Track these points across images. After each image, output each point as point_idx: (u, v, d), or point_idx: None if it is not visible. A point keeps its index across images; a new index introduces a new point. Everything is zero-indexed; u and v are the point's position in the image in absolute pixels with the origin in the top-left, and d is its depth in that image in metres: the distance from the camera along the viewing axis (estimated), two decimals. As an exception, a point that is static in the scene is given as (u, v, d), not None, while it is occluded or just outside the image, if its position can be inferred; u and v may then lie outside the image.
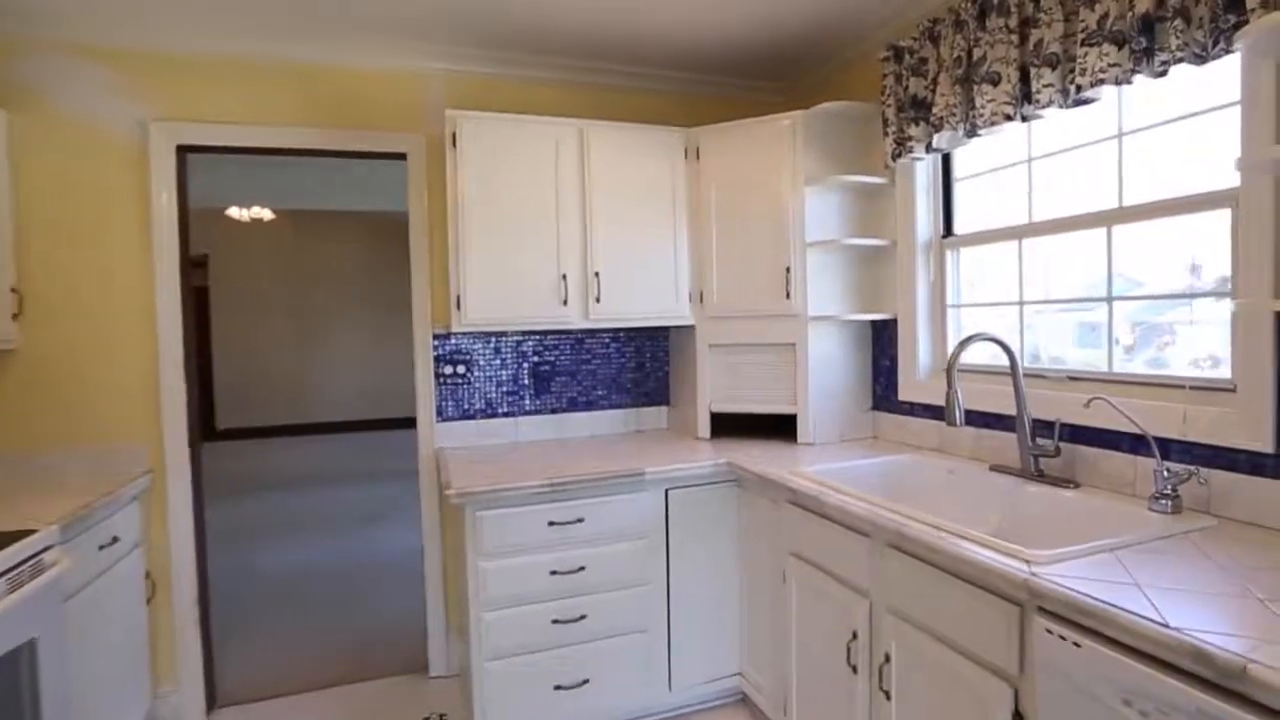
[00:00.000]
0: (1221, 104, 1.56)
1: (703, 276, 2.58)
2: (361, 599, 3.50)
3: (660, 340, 2.93)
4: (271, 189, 6.09)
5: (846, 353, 2.51)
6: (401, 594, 3.47)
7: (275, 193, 6.18)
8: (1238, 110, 1.47)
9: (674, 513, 2.22)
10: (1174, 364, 1.76)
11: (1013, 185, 2.12)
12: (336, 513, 5.24)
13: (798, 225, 2.41)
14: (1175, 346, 1.86)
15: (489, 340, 2.66)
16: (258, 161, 4.81)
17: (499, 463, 2.29)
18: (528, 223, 2.37)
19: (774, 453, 2.33)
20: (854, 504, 1.67)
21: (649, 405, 2.90)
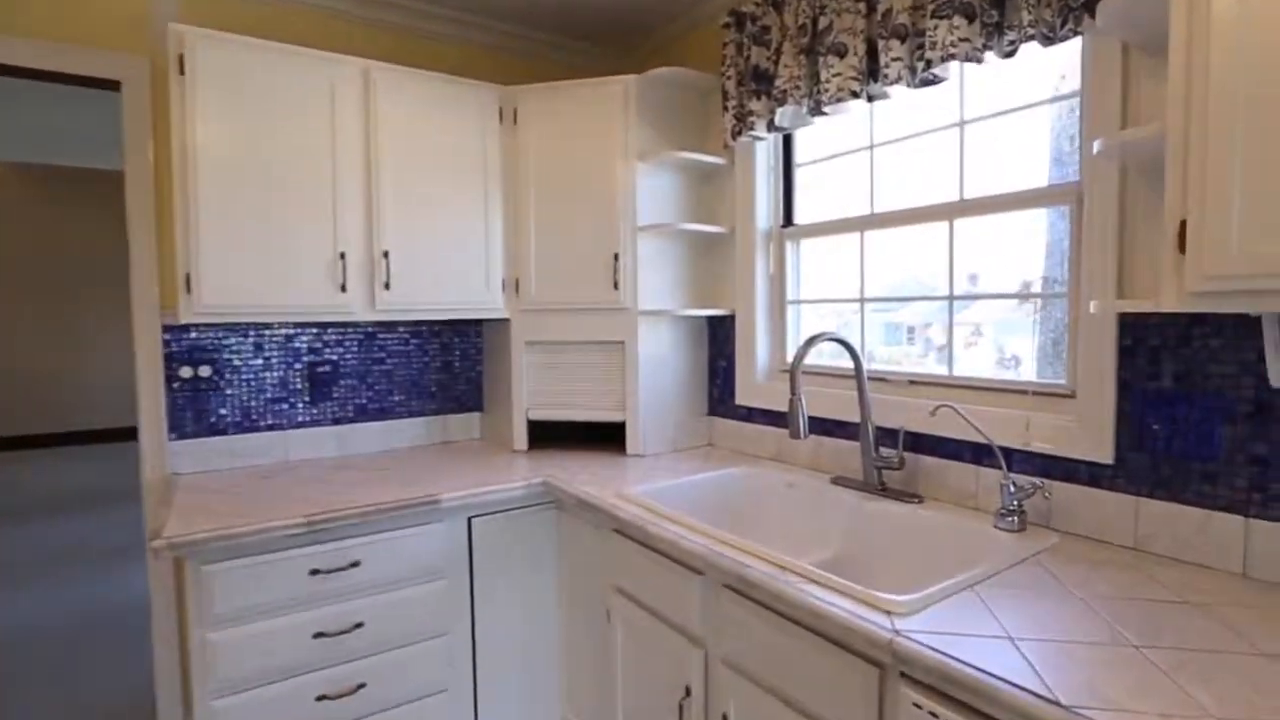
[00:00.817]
0: (1048, 98, 1.47)
1: (519, 262, 2.21)
2: (85, 668, 2.72)
3: (472, 336, 2.51)
4: None
5: (681, 352, 2.26)
6: (134, 661, 2.74)
7: None
8: (1052, 109, 1.38)
9: (479, 545, 1.83)
10: (978, 365, 1.70)
11: (855, 174, 1.97)
12: (80, 545, 4.17)
13: (628, 206, 2.11)
14: (978, 347, 1.81)
15: (245, 334, 2.09)
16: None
17: (246, 494, 1.76)
18: (291, 185, 1.85)
19: (600, 467, 2.01)
20: (685, 536, 1.39)
21: (459, 411, 2.47)
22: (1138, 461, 1.30)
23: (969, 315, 1.84)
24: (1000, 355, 1.73)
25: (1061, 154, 1.64)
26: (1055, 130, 1.68)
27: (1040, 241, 1.64)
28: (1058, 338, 1.72)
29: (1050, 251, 1.64)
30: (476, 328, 2.51)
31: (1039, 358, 1.68)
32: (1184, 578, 1.16)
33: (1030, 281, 1.69)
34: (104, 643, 2.89)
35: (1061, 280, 1.57)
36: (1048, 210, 1.57)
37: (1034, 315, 1.69)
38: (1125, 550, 1.30)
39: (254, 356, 2.10)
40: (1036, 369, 1.66)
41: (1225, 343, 1.19)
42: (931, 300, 1.78)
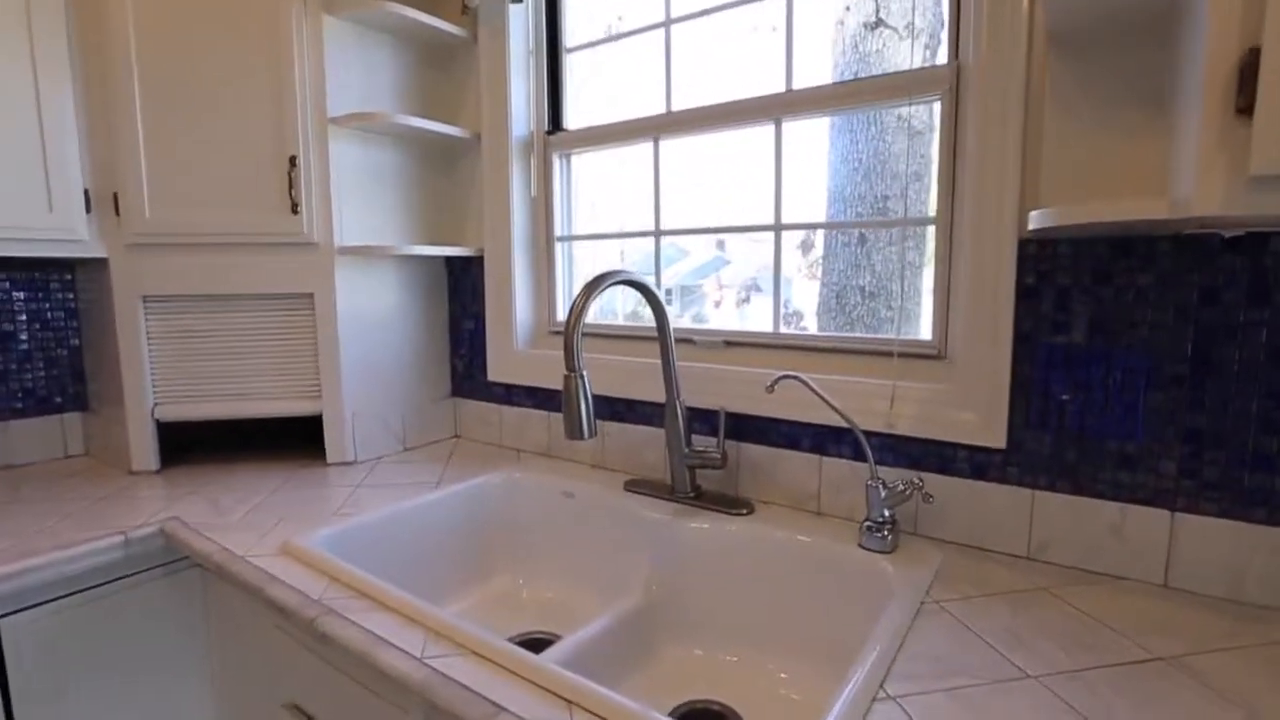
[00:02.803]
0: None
1: (117, 166, 1.31)
2: None
3: (54, 287, 1.55)
4: None
5: (409, 310, 1.57)
6: None
7: None
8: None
9: (25, 662, 1.00)
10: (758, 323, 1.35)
11: (645, 62, 1.43)
12: None
13: (313, 83, 1.35)
14: (751, 305, 1.46)
15: None
16: None
17: None
18: None
19: (279, 489, 1.27)
20: (386, 640, 0.76)
21: (33, 415, 1.51)
22: (1036, 444, 0.96)
23: (724, 273, 1.50)
24: (785, 310, 1.36)
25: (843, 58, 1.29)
26: (840, 65, 1.32)
27: (817, 164, 1.28)
28: (841, 291, 1.41)
29: (834, 174, 1.30)
30: (65, 274, 1.55)
31: (821, 312, 1.36)
32: (1115, 604, 0.83)
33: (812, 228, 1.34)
34: None
35: (852, 211, 1.27)
36: (832, 119, 1.21)
37: (805, 264, 1.38)
38: (1019, 562, 0.95)
39: None
40: (819, 328, 1.34)
41: (1159, 279, 0.86)
42: (757, 231, 1.32)
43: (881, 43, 1.31)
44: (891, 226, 1.20)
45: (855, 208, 1.31)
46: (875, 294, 1.26)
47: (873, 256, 1.27)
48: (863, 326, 1.26)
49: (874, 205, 1.26)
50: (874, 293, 1.27)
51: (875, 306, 1.26)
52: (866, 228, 1.25)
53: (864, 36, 1.32)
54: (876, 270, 1.27)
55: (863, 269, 1.34)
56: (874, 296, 1.27)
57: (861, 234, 1.33)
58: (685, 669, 1.00)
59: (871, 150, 1.29)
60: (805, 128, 1.24)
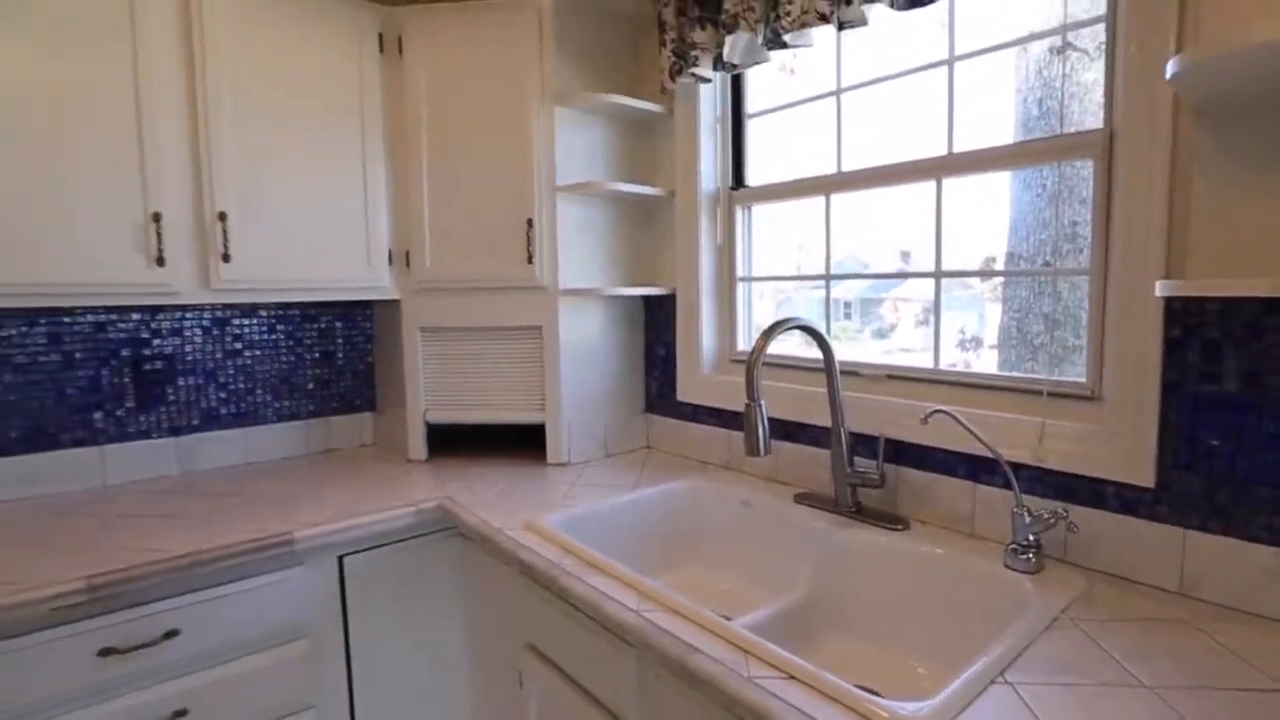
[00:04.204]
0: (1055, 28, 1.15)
1: (410, 230, 1.78)
2: None
3: (359, 320, 2.07)
4: None
5: (612, 340, 1.89)
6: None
7: None
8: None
9: (355, 591, 1.43)
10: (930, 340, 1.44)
11: (817, 127, 1.63)
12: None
13: (545, 161, 1.71)
14: (929, 326, 1.54)
15: (34, 322, 1.59)
16: None
17: (16, 543, 1.30)
18: (70, 122, 1.35)
19: (514, 481, 1.64)
20: (610, 595, 1.04)
21: (345, 412, 2.03)
22: (1186, 485, 1.02)
23: (902, 291, 1.65)
24: (961, 337, 1.46)
25: (1029, 119, 1.36)
26: (1024, 91, 1.39)
27: (999, 212, 1.37)
28: (1023, 320, 1.46)
29: (1015, 225, 1.36)
30: (367, 310, 2.07)
31: (1001, 340, 1.41)
32: (1260, 643, 0.89)
33: (992, 258, 1.42)
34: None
35: (1026, 256, 1.33)
36: (1012, 175, 1.32)
37: (988, 294, 1.45)
38: (1168, 596, 1.02)
39: (48, 351, 1.61)
40: (999, 356, 1.41)
41: (1316, 335, 0.91)
42: (918, 277, 1.46)
43: (1069, 66, 1.37)
44: (1042, 275, 1.29)
45: (1038, 234, 1.36)
46: (1061, 322, 1.26)
47: (1059, 282, 1.26)
48: (1045, 356, 1.31)
49: (1060, 232, 1.26)
50: (1059, 321, 1.30)
51: (1062, 335, 1.25)
52: (1022, 276, 1.35)
53: (1049, 61, 1.40)
54: (1063, 297, 1.26)
55: (1047, 296, 1.37)
56: (1059, 325, 1.26)
57: (1046, 259, 1.39)
58: (839, 658, 1.18)
59: (1057, 175, 1.30)
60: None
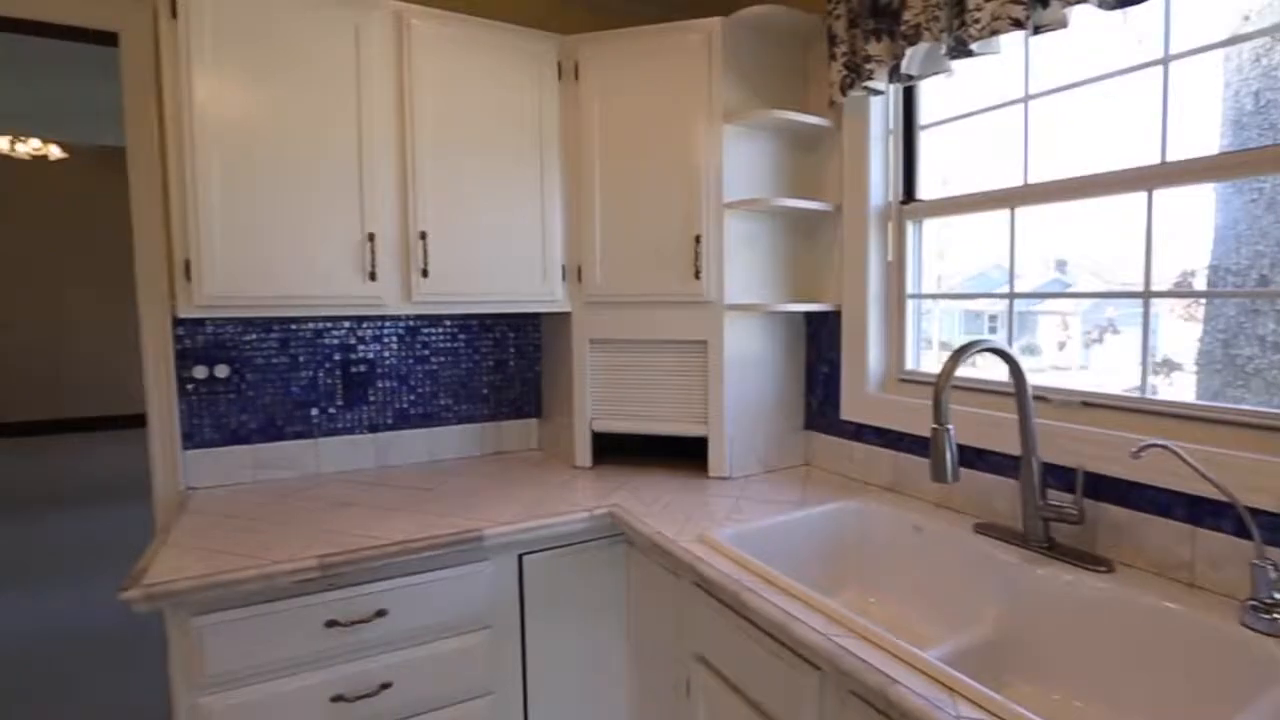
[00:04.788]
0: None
1: (581, 246, 1.87)
2: (89, 686, 2.58)
3: (530, 331, 2.20)
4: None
5: (774, 356, 1.88)
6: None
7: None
8: None
9: (532, 587, 1.52)
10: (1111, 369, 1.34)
11: (1000, 134, 1.54)
12: (90, 546, 4.07)
13: (713, 178, 1.74)
14: (1104, 345, 1.48)
15: (268, 329, 1.83)
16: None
17: (259, 520, 1.50)
18: (307, 153, 1.56)
19: (678, 492, 1.67)
20: (797, 617, 1.03)
21: (514, 418, 2.17)
22: None
23: (1057, 305, 1.56)
24: (1153, 359, 1.32)
25: (1242, 115, 1.20)
26: (1234, 83, 1.24)
27: (1200, 220, 1.23)
28: (1230, 341, 1.29)
29: (1222, 234, 1.22)
30: (535, 321, 2.20)
31: (1202, 364, 1.26)
32: None
33: (1191, 272, 1.27)
34: (110, 659, 2.76)
35: (1237, 270, 1.19)
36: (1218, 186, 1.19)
37: (1180, 311, 1.31)
38: None
39: (279, 354, 1.85)
40: (1198, 382, 1.25)
41: None
42: (1123, 298, 1.34)
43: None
44: (1260, 298, 1.14)
45: (1253, 245, 1.22)
46: (1282, 346, 1.11)
47: (1278, 301, 1.14)
48: (1261, 384, 1.17)
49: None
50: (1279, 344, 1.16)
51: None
52: (1240, 298, 1.20)
53: (1271, 48, 1.25)
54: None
55: (1263, 314, 1.21)
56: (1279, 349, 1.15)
57: (1263, 274, 1.24)
58: (1038, 708, 1.10)
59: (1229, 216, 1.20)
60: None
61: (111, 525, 4.35)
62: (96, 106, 4.34)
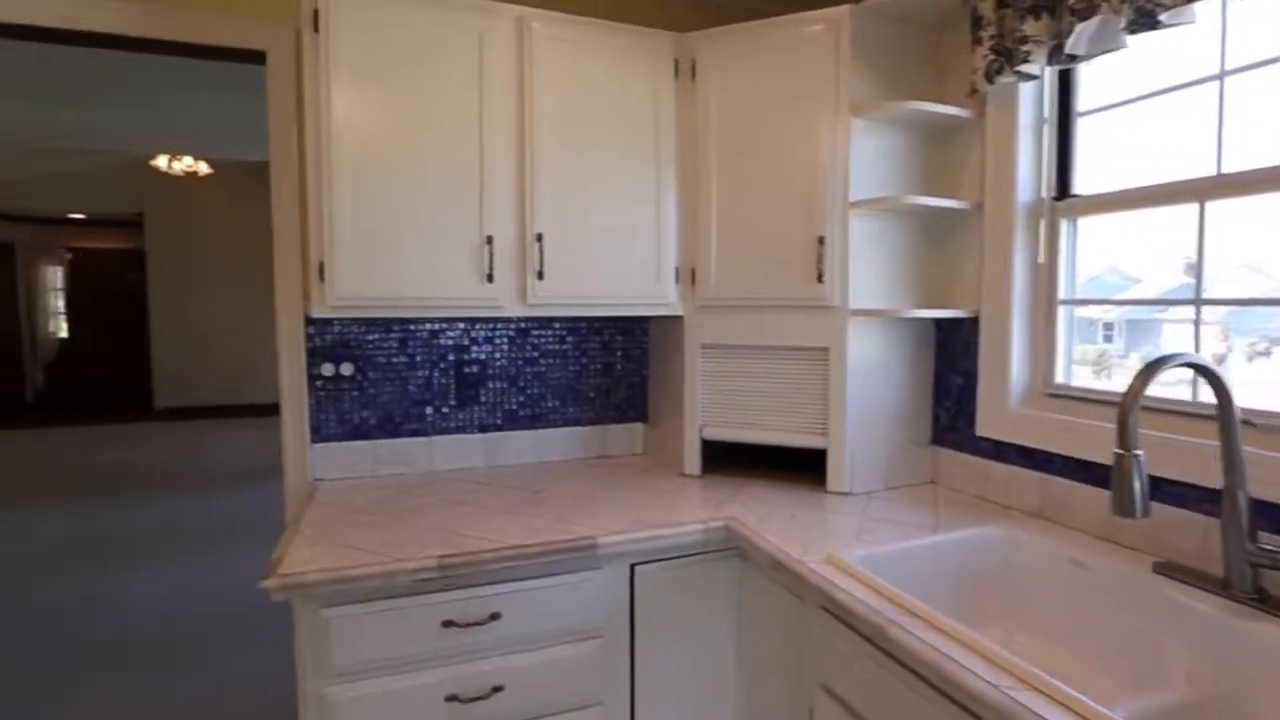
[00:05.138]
0: None
1: (696, 248, 1.81)
2: (227, 657, 2.74)
3: (637, 334, 2.16)
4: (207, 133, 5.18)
5: (900, 364, 1.75)
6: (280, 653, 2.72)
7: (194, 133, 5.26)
8: None
9: (643, 598, 1.47)
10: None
11: (1181, 119, 1.36)
12: (232, 523, 4.43)
13: (838, 176, 1.64)
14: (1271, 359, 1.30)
15: (389, 329, 1.88)
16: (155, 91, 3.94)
17: (380, 516, 1.53)
18: (432, 159, 1.58)
19: (795, 507, 1.58)
20: (957, 661, 0.92)
21: (619, 422, 2.13)
22: None
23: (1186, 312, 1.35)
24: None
25: None
26: None
27: None
28: None
29: None
30: (643, 325, 2.16)
31: None
32: None
33: None
34: (246, 630, 2.92)
35: None
36: None
37: None
38: None
39: (398, 354, 1.89)
40: None
41: None
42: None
43: None
44: None
45: None
46: None
47: None
48: None
49: None
50: None
51: None
52: None
53: None
54: None
55: None
56: None
57: None
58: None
59: None
60: None
61: (252, 504, 4.71)
62: (238, 126, 4.70)
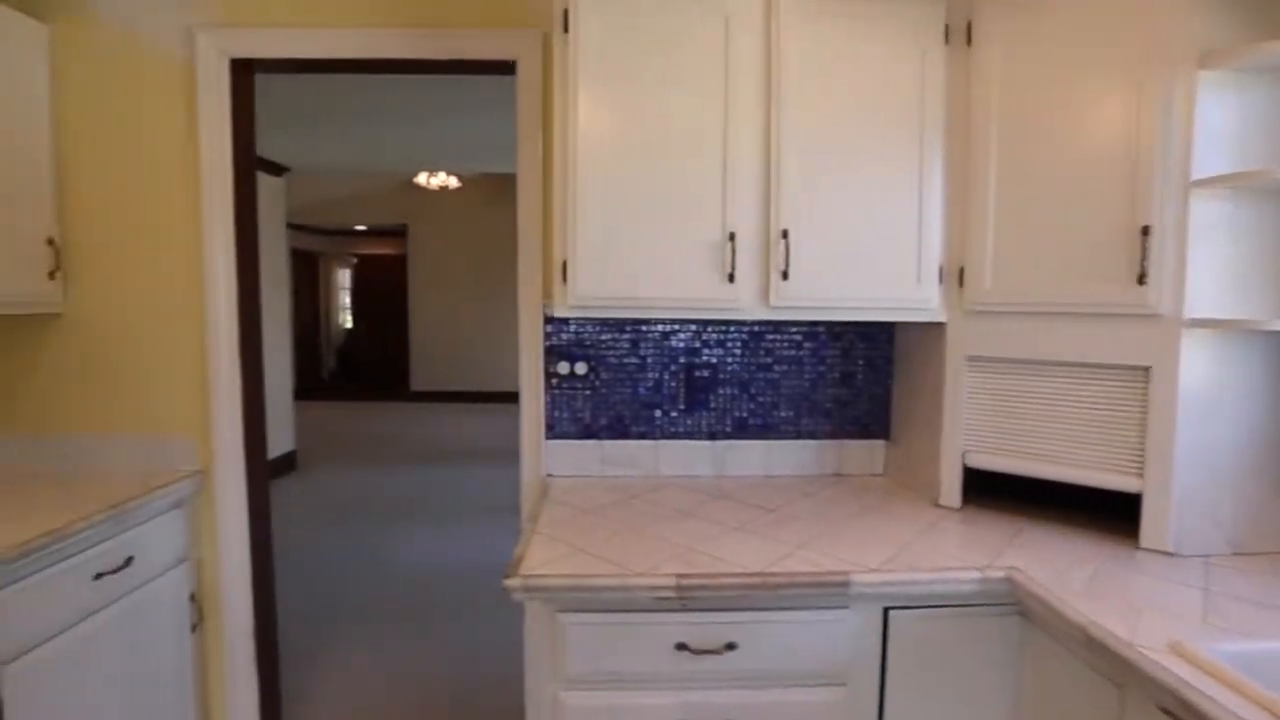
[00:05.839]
0: None
1: (967, 244, 1.55)
2: (480, 624, 2.96)
3: (881, 340, 1.93)
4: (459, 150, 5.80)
5: (1256, 392, 1.34)
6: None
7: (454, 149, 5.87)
8: None
9: (897, 649, 1.27)
10: None
11: None
12: (485, 495, 4.88)
13: (1175, 148, 1.29)
14: None
15: (622, 329, 1.86)
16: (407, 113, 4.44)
17: (612, 521, 1.49)
18: (675, 153, 1.51)
19: (1093, 561, 1.27)
20: None
21: (858, 438, 1.92)
22: None
23: None
24: None
25: None
26: None
27: None
28: None
29: None
30: (888, 330, 1.93)
31: None
32: None
33: None
34: (497, 595, 3.14)
35: None
36: None
37: None
38: None
39: (630, 355, 1.87)
40: None
41: None
42: None
43: None
44: None
45: None
46: None
47: None
48: None
49: None
50: None
51: None
52: None
53: None
54: None
55: None
56: None
57: None
58: None
59: None
60: None
61: (486, 480, 5.22)
62: (484, 143, 5.19)
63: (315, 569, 3.56)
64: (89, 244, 1.82)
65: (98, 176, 1.81)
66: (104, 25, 1.78)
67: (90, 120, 1.79)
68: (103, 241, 1.82)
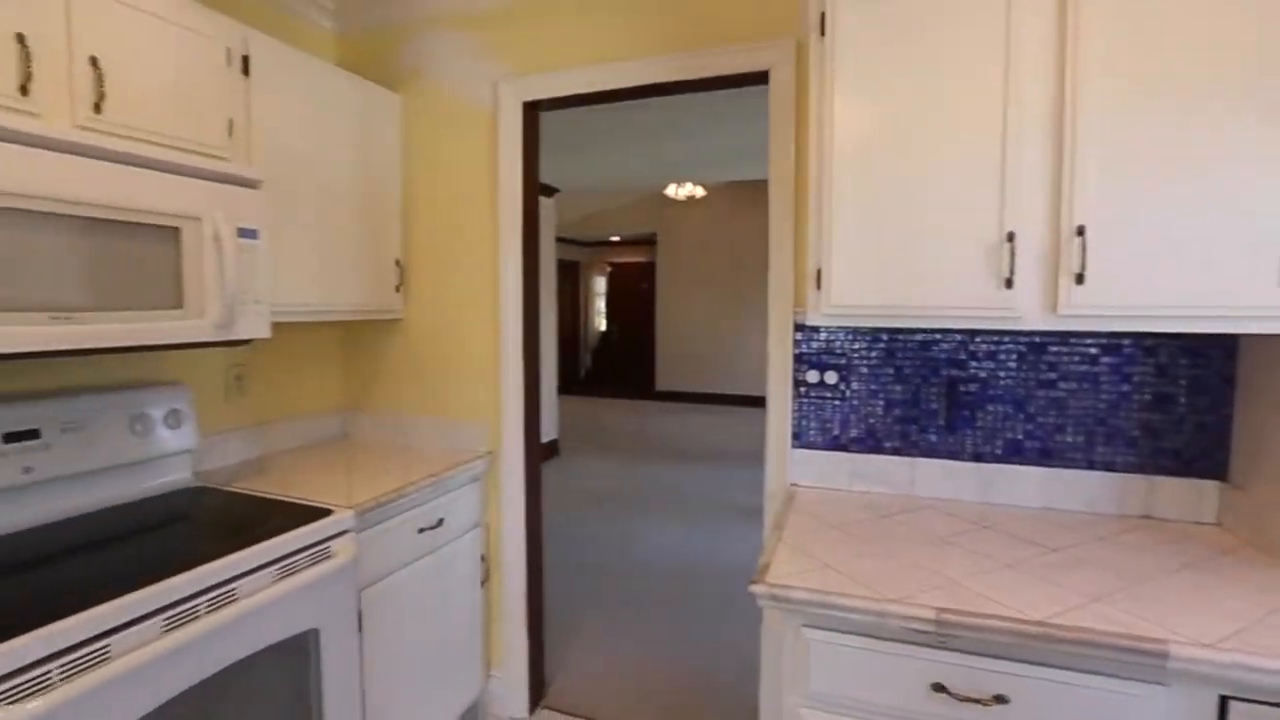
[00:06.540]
0: None
1: (1362, 232, 1.18)
2: (720, 618, 3.01)
3: (1215, 356, 1.56)
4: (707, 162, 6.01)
5: None
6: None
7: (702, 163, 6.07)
8: None
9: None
10: None
11: None
12: (732, 496, 4.95)
13: None
14: None
15: (877, 337, 1.75)
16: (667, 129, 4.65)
17: (862, 540, 1.41)
18: (940, 149, 1.37)
19: None
20: None
21: (1177, 475, 1.58)
22: None
23: None
24: None
25: None
26: None
27: None
28: None
29: None
30: (1228, 343, 1.55)
31: None
32: None
33: None
34: (734, 596, 3.17)
35: None
36: None
37: None
38: None
39: (884, 365, 1.75)
40: None
41: None
42: None
43: None
44: None
45: None
46: None
47: None
48: None
49: None
50: None
51: None
52: None
53: None
54: None
55: None
56: None
57: None
58: None
59: None
60: None
61: (727, 481, 5.31)
62: (729, 153, 5.28)
63: (573, 548, 3.93)
64: (419, 263, 2.27)
65: (426, 207, 2.25)
66: (436, 88, 2.21)
67: (424, 165, 2.24)
68: (428, 259, 2.26)
